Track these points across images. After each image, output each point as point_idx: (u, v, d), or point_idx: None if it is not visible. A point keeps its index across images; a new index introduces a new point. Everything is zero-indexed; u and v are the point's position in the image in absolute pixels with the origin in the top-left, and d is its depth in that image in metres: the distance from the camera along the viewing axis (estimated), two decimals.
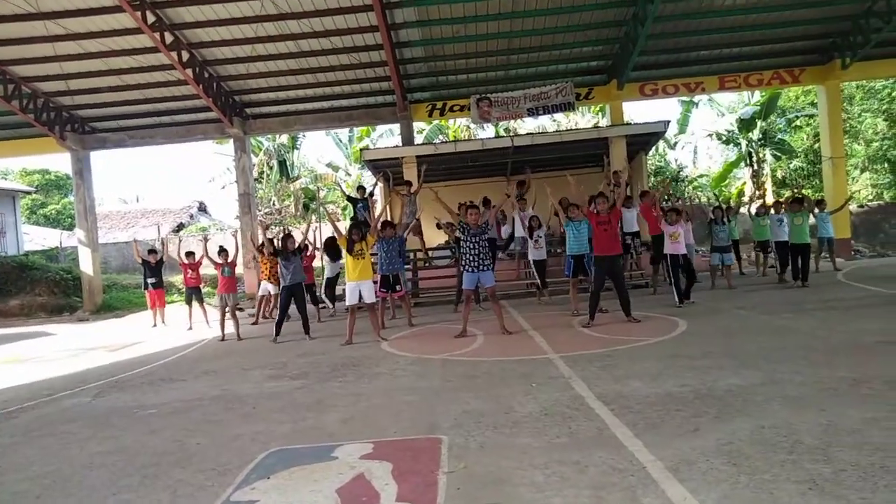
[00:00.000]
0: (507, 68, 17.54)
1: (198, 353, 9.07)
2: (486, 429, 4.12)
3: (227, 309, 10.39)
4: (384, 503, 3.07)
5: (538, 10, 14.74)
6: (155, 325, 13.46)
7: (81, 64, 15.71)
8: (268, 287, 12.44)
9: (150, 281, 13.55)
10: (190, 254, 12.90)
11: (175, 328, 12.76)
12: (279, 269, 9.80)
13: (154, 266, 13.53)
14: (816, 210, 13.52)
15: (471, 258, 8.26)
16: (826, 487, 2.83)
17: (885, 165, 24.71)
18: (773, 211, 12.65)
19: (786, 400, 4.22)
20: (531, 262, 11.37)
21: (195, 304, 12.76)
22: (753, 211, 13.73)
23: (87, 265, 18.66)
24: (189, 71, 15.14)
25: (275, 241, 11.55)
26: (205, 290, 13.75)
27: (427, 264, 15.04)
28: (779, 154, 26.17)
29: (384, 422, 4.52)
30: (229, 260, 10.79)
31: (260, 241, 13.10)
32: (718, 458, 3.28)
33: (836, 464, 3.08)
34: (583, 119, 27.81)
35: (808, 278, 11.06)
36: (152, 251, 13.89)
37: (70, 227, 29.53)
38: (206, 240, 13.06)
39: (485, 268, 8.26)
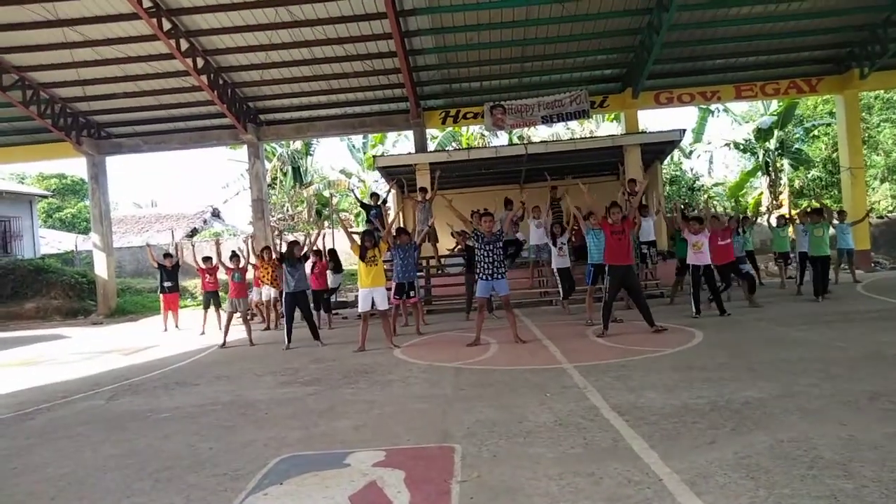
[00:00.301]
0: (520, 76, 17.56)
1: (211, 358, 9.10)
2: (500, 438, 4.08)
3: (236, 314, 10.43)
4: None
5: (552, 18, 14.72)
6: (166, 330, 13.53)
7: (98, 70, 15.91)
8: (270, 292, 12.48)
9: (165, 285, 13.68)
10: (207, 259, 12.98)
11: (189, 332, 12.81)
12: (284, 276, 9.79)
13: (171, 270, 13.67)
14: (836, 221, 13.32)
15: (485, 266, 8.21)
16: (847, 503, 2.77)
17: None
18: (798, 221, 12.39)
19: (804, 413, 4.16)
20: (554, 269, 11.26)
21: (211, 308, 12.80)
22: (774, 222, 13.54)
23: (101, 269, 18.84)
24: (204, 77, 15.28)
25: (274, 249, 11.51)
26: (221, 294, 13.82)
27: (439, 271, 15.03)
28: (796, 164, 25.92)
29: (397, 429, 4.49)
30: (240, 265, 10.83)
31: (260, 248, 13.10)
32: (736, 471, 3.23)
33: (858, 479, 3.01)
34: (598, 129, 27.74)
35: (828, 290, 10.92)
36: (168, 255, 14.03)
37: (85, 231, 29.82)
38: (218, 243, 13.09)
39: (499, 276, 8.21)
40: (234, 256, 10.89)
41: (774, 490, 2.96)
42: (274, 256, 12.23)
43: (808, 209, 12.36)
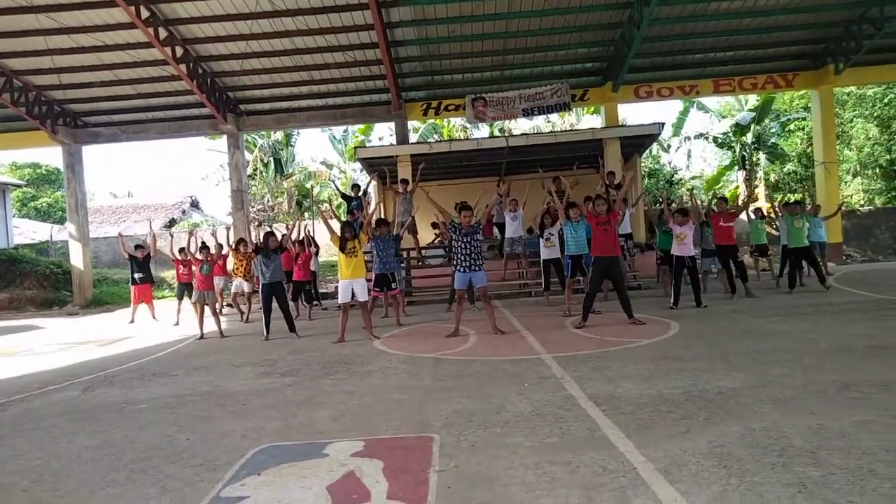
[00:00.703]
0: (502, 68, 17.56)
1: (189, 349, 9.02)
2: (478, 428, 4.11)
3: (205, 306, 10.28)
4: (375, 501, 3.07)
5: (534, 11, 14.74)
6: (132, 322, 13.27)
7: (74, 58, 15.62)
8: (242, 285, 12.34)
9: (136, 276, 13.46)
10: (182, 250, 12.81)
11: (164, 324, 12.66)
12: (259, 267, 9.68)
13: (141, 261, 13.43)
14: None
15: (462, 258, 8.24)
16: (815, 490, 2.84)
17: (877, 171, 24.83)
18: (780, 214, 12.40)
19: (776, 403, 4.24)
20: (542, 261, 11.28)
21: (186, 300, 12.64)
22: (752, 214, 13.62)
23: (77, 259, 18.57)
24: (183, 66, 15.07)
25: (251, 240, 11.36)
26: None
27: (420, 263, 15.03)
28: (772, 158, 26.28)
29: (375, 420, 4.51)
30: (209, 257, 10.67)
31: (235, 239, 12.87)
32: (709, 460, 3.29)
33: (826, 467, 3.09)
34: (579, 122, 27.85)
35: (825, 279, 11.02)
36: (139, 246, 13.74)
37: (61, 221, 29.33)
38: (192, 234, 12.84)
39: (476, 268, 8.24)
40: (204, 248, 10.74)
41: (746, 478, 3.03)
42: (250, 249, 12.17)
43: (788, 202, 12.38)
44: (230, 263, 12.47)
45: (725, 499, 2.83)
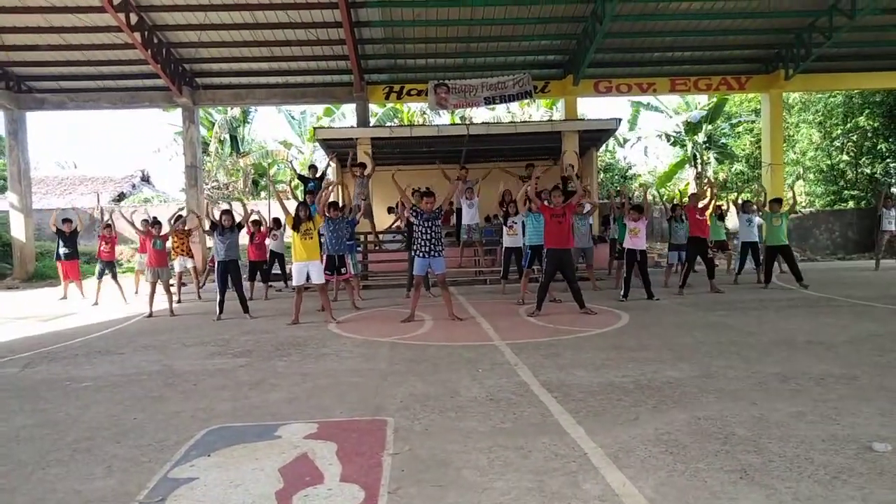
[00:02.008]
0: (466, 56, 17.51)
1: (137, 327, 8.79)
2: (432, 412, 4.14)
3: (158, 283, 10.02)
4: (328, 483, 3.05)
5: (499, 0, 14.72)
6: (65, 298, 12.81)
7: (19, 18, 14.83)
8: (185, 262, 12.10)
9: (62, 251, 12.90)
10: (108, 226, 12.39)
11: (103, 301, 12.23)
12: (214, 244, 9.52)
13: (68, 236, 12.91)
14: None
15: (422, 243, 8.23)
16: (755, 477, 2.96)
17: (819, 175, 25.81)
18: (743, 211, 12.68)
19: (720, 393, 4.39)
20: (503, 248, 11.33)
21: (109, 278, 12.27)
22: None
23: (18, 231, 17.84)
24: (137, 35, 14.51)
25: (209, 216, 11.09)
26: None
27: (377, 248, 14.95)
28: (721, 158, 27.09)
29: (329, 402, 4.49)
30: (161, 233, 10.38)
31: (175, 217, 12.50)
32: (656, 446, 3.39)
33: (766, 454, 3.23)
34: (537, 113, 28.08)
35: (802, 276, 11.01)
36: (66, 220, 13.15)
37: (1, 190, 27.99)
38: (155, 219, 12.43)
39: (436, 254, 8.26)
40: (155, 223, 10.44)
41: (691, 464, 3.14)
42: (187, 226, 12.25)
43: (770, 200, 12.44)
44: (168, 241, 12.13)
45: (671, 484, 2.92)
